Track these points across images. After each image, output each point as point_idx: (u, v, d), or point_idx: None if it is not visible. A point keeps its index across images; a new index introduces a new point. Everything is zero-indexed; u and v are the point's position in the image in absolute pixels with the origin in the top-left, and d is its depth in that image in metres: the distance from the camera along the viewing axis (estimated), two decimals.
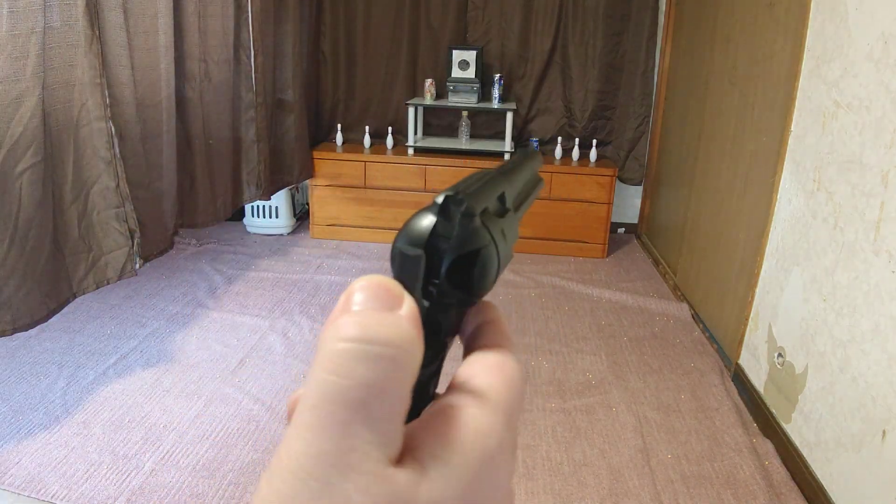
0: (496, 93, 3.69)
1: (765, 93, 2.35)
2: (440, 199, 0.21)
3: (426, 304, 0.20)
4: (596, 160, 3.74)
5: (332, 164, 3.72)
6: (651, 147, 3.90)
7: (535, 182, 0.30)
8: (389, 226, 3.75)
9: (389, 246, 0.22)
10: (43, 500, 1.66)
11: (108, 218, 2.11)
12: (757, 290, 2.31)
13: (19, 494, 1.67)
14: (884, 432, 1.53)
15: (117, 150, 2.11)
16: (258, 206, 3.78)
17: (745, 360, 2.38)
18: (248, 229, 3.87)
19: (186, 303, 2.87)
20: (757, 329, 2.29)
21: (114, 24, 2.08)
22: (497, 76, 3.69)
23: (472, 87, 3.67)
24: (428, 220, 0.21)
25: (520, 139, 3.98)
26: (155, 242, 2.41)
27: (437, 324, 0.20)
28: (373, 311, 0.17)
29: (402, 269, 0.20)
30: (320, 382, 0.16)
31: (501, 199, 0.24)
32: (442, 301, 0.20)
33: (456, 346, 0.24)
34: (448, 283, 0.20)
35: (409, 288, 0.20)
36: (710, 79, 2.94)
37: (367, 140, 3.86)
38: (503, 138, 3.79)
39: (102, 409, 2.07)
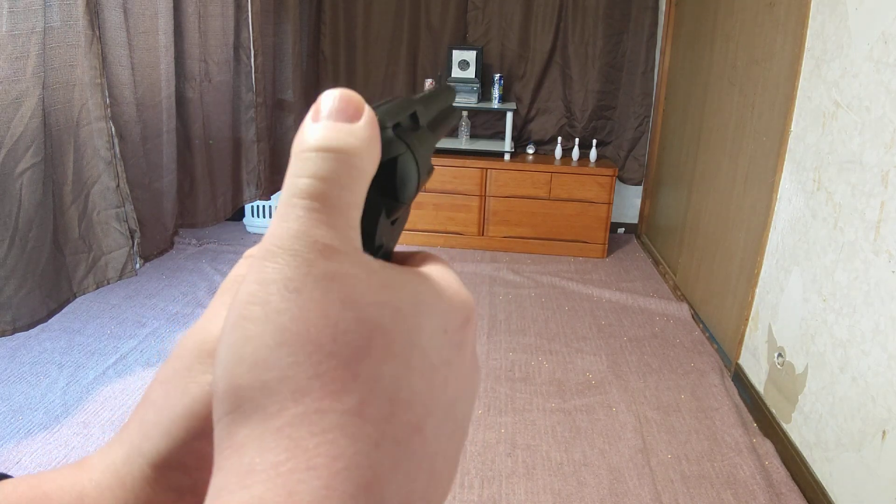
0: (496, 93, 3.69)
1: (765, 93, 2.35)
2: None
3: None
4: (596, 160, 3.74)
5: None
6: (651, 147, 3.90)
7: (450, 110, 0.32)
8: None
9: None
10: None
11: (109, 218, 2.11)
12: (757, 290, 2.31)
13: None
14: (884, 432, 1.53)
15: (117, 150, 2.11)
16: (258, 206, 3.78)
17: (745, 360, 2.38)
18: (248, 229, 3.87)
19: (186, 303, 2.87)
20: (757, 329, 2.29)
21: (114, 23, 2.08)
22: (497, 76, 3.69)
23: (472, 87, 3.67)
24: None
25: (520, 139, 3.99)
26: (155, 242, 2.41)
27: (371, 232, 0.22)
28: (333, 122, 0.19)
29: None
30: (286, 185, 0.18)
31: (413, 117, 0.26)
32: (371, 209, 0.22)
33: None
34: (374, 191, 0.22)
35: None
36: (710, 79, 2.94)
37: None
38: (503, 138, 3.79)
39: (102, 409, 2.07)
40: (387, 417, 0.17)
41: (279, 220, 0.18)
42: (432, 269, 0.21)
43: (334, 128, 0.19)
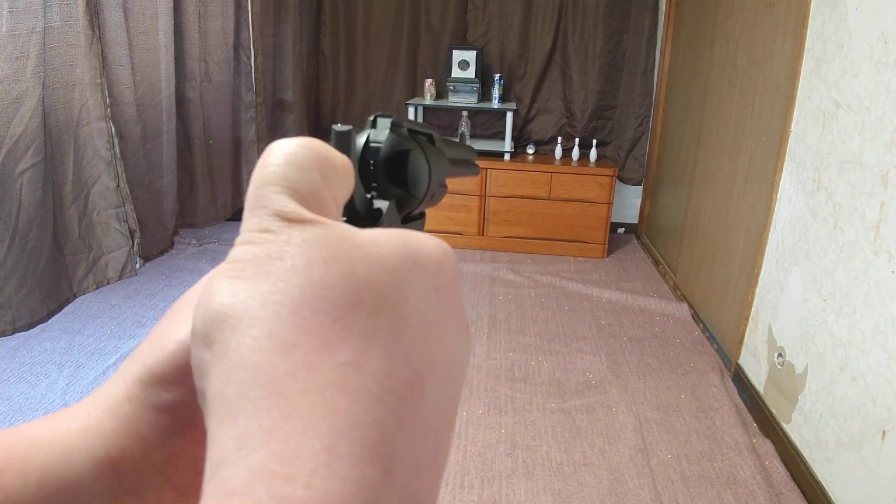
0: (496, 93, 3.69)
1: (765, 93, 2.35)
2: (371, 118, 0.25)
3: (369, 195, 0.23)
4: (596, 160, 3.74)
5: None
6: (651, 147, 3.90)
7: (470, 163, 0.34)
8: None
9: None
10: None
11: (109, 218, 2.11)
12: (757, 290, 2.31)
13: None
14: (884, 432, 1.53)
15: (117, 150, 2.11)
16: None
17: (745, 360, 2.38)
18: None
19: None
20: (757, 329, 2.29)
21: (114, 23, 2.09)
22: (497, 76, 3.70)
23: (472, 87, 3.67)
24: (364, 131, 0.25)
25: (520, 139, 3.99)
26: (155, 242, 2.41)
27: (378, 211, 0.23)
28: None
29: (336, 144, 0.23)
30: (254, 178, 0.19)
31: (430, 139, 0.27)
32: (382, 193, 0.23)
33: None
34: (385, 180, 0.23)
35: None
36: (710, 79, 2.94)
37: None
38: (503, 138, 3.79)
39: None
40: (386, 372, 0.16)
41: (251, 211, 0.18)
42: (417, 231, 0.21)
43: (297, 137, 0.20)
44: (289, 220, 0.17)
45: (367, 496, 0.14)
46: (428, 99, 3.76)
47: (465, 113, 3.79)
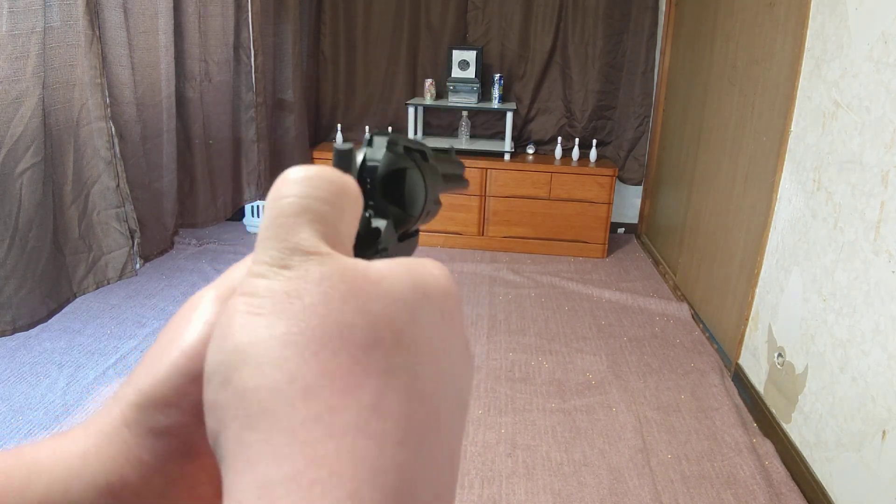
0: (496, 93, 3.69)
1: (765, 93, 2.35)
2: (367, 136, 0.25)
3: (366, 214, 0.23)
4: (596, 160, 3.74)
5: None
6: (651, 147, 3.90)
7: (459, 177, 0.35)
8: None
9: None
10: None
11: (109, 218, 2.11)
12: (757, 290, 2.31)
13: None
14: (884, 432, 1.53)
15: (117, 150, 2.11)
16: (258, 206, 3.78)
17: (745, 360, 2.38)
18: (248, 229, 3.87)
19: None
20: (757, 329, 2.29)
21: (114, 23, 2.08)
22: (497, 76, 3.69)
23: (472, 87, 3.67)
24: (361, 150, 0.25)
25: (520, 139, 3.99)
26: (155, 242, 2.41)
27: (376, 231, 0.23)
28: None
29: (338, 162, 0.23)
30: (268, 209, 0.19)
31: (423, 155, 0.28)
32: (379, 212, 0.24)
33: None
34: (382, 198, 0.24)
35: None
36: (710, 79, 2.94)
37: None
38: (503, 138, 3.79)
39: None
40: (406, 414, 0.16)
41: (268, 241, 0.18)
42: (420, 259, 0.21)
43: (311, 165, 0.20)
44: (307, 254, 0.18)
45: None
46: (428, 99, 3.76)
47: (465, 113, 3.79)
